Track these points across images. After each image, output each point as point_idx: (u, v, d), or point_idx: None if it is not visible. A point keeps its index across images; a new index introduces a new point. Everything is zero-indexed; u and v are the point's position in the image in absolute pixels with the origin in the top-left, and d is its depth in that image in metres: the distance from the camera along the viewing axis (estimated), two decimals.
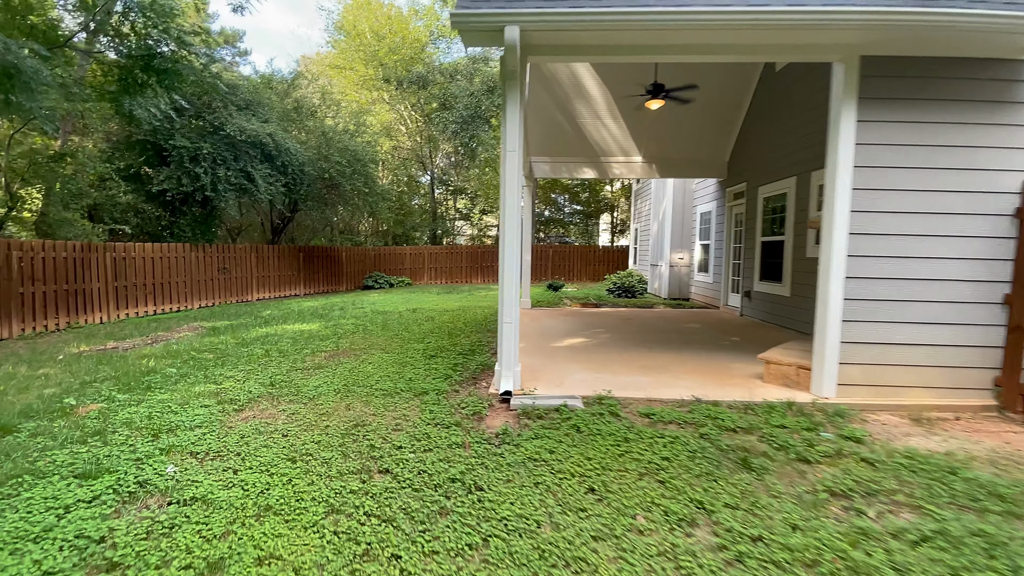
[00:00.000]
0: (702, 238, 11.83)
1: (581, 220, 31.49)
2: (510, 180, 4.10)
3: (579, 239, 32.12)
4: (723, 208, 10.42)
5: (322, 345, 6.55)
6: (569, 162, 10.31)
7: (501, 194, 4.23)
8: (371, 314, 9.83)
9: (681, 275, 12.53)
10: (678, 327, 8.06)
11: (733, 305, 9.91)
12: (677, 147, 10.14)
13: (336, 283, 18.78)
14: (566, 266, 22.33)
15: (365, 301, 12.83)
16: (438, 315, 9.50)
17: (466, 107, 17.68)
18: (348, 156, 16.16)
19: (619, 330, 7.71)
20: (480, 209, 29.73)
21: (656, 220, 13.68)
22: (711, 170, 10.32)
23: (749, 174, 9.17)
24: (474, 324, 8.30)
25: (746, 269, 9.21)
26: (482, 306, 11.06)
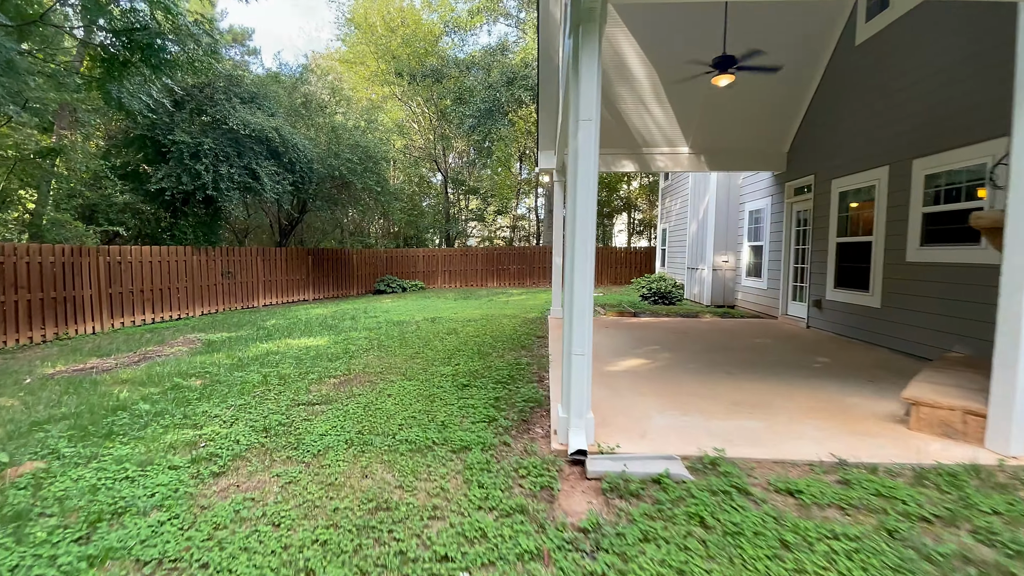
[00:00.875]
0: (751, 239, 10.65)
1: (599, 220, 30.31)
2: (584, 159, 3.01)
3: None
4: (780, 205, 9.24)
5: (331, 368, 5.50)
6: (607, 154, 9.20)
7: (570, 179, 3.14)
8: (386, 325, 8.79)
9: (726, 280, 11.36)
10: (745, 343, 6.91)
11: (796, 315, 8.73)
12: (729, 136, 8.99)
13: (346, 287, 17.84)
14: (599, 270, 21.17)
15: (378, 308, 11.82)
16: (461, 327, 8.44)
17: (483, 100, 16.62)
18: (359, 153, 15.19)
19: (678, 347, 6.58)
20: (495, 209, 28.70)
21: (695, 219, 12.52)
22: (767, 162, 9.16)
23: (818, 165, 7.99)
24: (505, 339, 7.22)
25: (815, 274, 8.03)
26: (507, 315, 9.98)
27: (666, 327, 8.39)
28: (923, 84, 5.78)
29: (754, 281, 10.34)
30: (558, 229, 9.29)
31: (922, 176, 5.76)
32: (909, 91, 5.98)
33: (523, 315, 9.96)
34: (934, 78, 5.62)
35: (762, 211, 10.09)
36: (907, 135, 6.00)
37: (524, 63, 16.54)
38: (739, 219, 11.11)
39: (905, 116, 6.05)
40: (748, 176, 10.78)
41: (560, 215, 9.22)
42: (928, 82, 5.71)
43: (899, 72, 6.17)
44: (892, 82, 6.32)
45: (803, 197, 8.55)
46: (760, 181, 10.11)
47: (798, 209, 8.85)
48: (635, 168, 9.21)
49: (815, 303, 7.92)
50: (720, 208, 11.26)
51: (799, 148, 8.65)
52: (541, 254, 21.05)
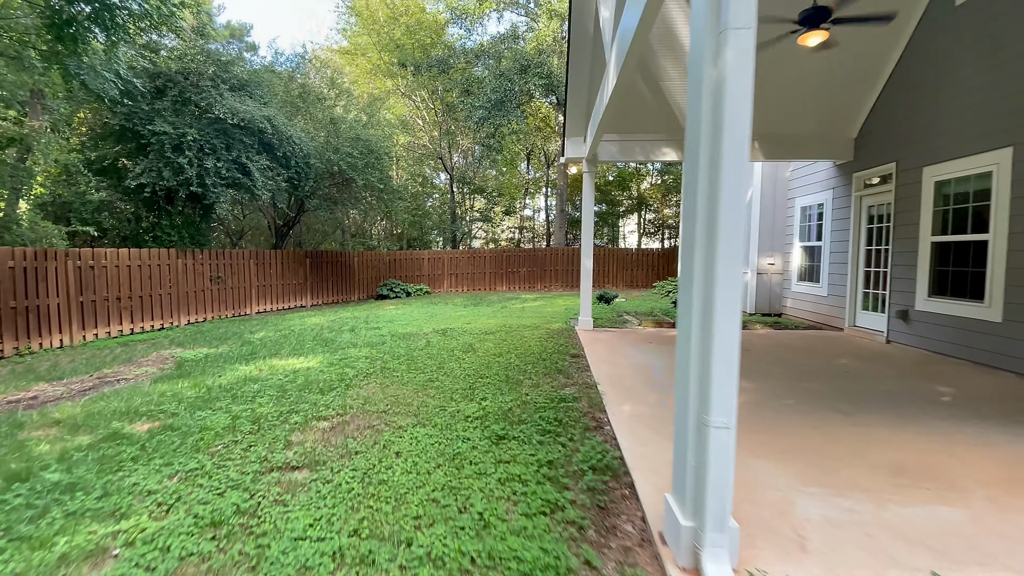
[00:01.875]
0: (804, 238, 9.41)
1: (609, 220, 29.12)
2: (736, 90, 1.79)
3: (603, 241, 29.77)
4: (846, 199, 8.00)
5: (321, 404, 4.29)
6: (645, 140, 7.99)
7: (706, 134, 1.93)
8: (390, 339, 7.57)
9: (772, 285, 10.12)
10: (828, 364, 5.68)
11: (868, 327, 7.48)
12: (789, 120, 7.76)
13: (347, 292, 16.66)
14: (601, 271, 19.98)
15: (381, 316, 10.61)
16: (477, 341, 7.22)
17: (494, 90, 15.42)
18: (360, 147, 14.00)
19: (754, 372, 5.35)
20: (502, 209, 27.52)
21: None
22: (830, 150, 7.93)
23: (901, 152, 6.76)
24: (534, 359, 6.00)
25: (897, 280, 6.79)
26: (527, 325, 8.76)
27: None
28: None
29: (809, 287, 9.10)
30: (588, 229, 8.07)
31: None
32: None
33: (545, 325, 8.75)
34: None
35: (822, 207, 8.85)
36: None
37: (539, 50, 15.37)
38: (788, 217, 9.87)
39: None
40: (798, 168, 9.54)
41: (591, 212, 8.01)
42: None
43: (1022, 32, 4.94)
44: (1012, 45, 5.09)
45: (878, 189, 7.31)
46: (816, 173, 8.87)
47: (870, 204, 7.61)
48: (676, 157, 8.00)
49: (899, 314, 6.67)
50: (766, 204, 10.03)
51: (872, 132, 7.42)
52: (552, 256, 19.85)
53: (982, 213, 5.52)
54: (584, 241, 8.15)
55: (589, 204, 8.04)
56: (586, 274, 8.14)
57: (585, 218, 8.11)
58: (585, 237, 8.13)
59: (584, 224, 8.15)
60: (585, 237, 8.13)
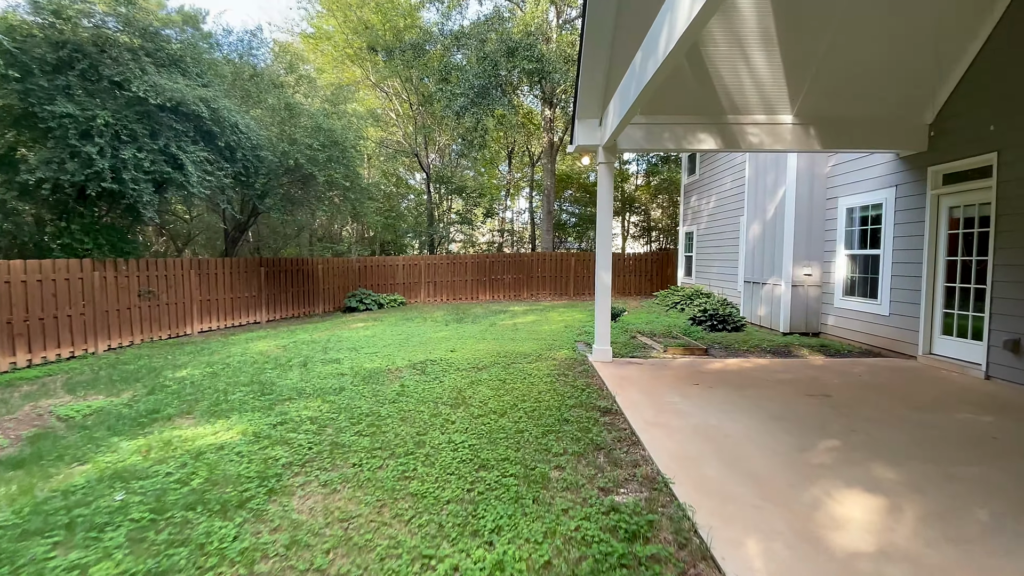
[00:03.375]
0: (851, 245, 7.97)
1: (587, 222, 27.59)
2: None
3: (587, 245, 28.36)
4: (918, 199, 6.56)
5: (212, 545, 2.48)
6: (677, 124, 6.38)
7: None
8: (351, 383, 5.73)
9: (809, 299, 8.66)
10: (954, 423, 4.14)
11: (955, 357, 6.03)
12: (855, 100, 6.27)
13: (310, 304, 14.66)
14: (590, 277, 18.43)
15: (345, 340, 8.72)
16: (468, 385, 5.46)
17: (477, 75, 13.64)
18: (322, 137, 12.06)
19: (863, 445, 3.76)
20: (483, 211, 25.78)
21: (757, 219, 9.82)
22: (898, 139, 6.47)
23: (1008, 137, 5.31)
24: (553, 418, 4.28)
25: (1005, 301, 5.34)
26: (525, 353, 7.03)
27: (779, 380, 5.57)
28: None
29: (862, 303, 7.64)
30: (606, 233, 6.42)
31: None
32: None
33: (548, 354, 7.04)
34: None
35: (874, 208, 7.41)
36: None
37: (527, 32, 13.69)
38: (830, 219, 8.43)
39: None
40: (841, 162, 8.11)
41: (609, 213, 6.37)
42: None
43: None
44: None
45: (968, 186, 5.87)
46: (870, 167, 7.44)
47: (952, 204, 6.17)
48: (716, 146, 6.42)
49: (1011, 344, 5.22)
50: (802, 203, 8.56)
51: (959, 115, 5.97)
52: (539, 262, 18.20)
53: None
54: (600, 249, 6.49)
55: (607, 203, 6.38)
56: (603, 290, 6.47)
57: (602, 221, 6.45)
58: (601, 244, 6.47)
59: (600, 227, 6.48)
60: (601, 244, 6.47)
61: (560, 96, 17.31)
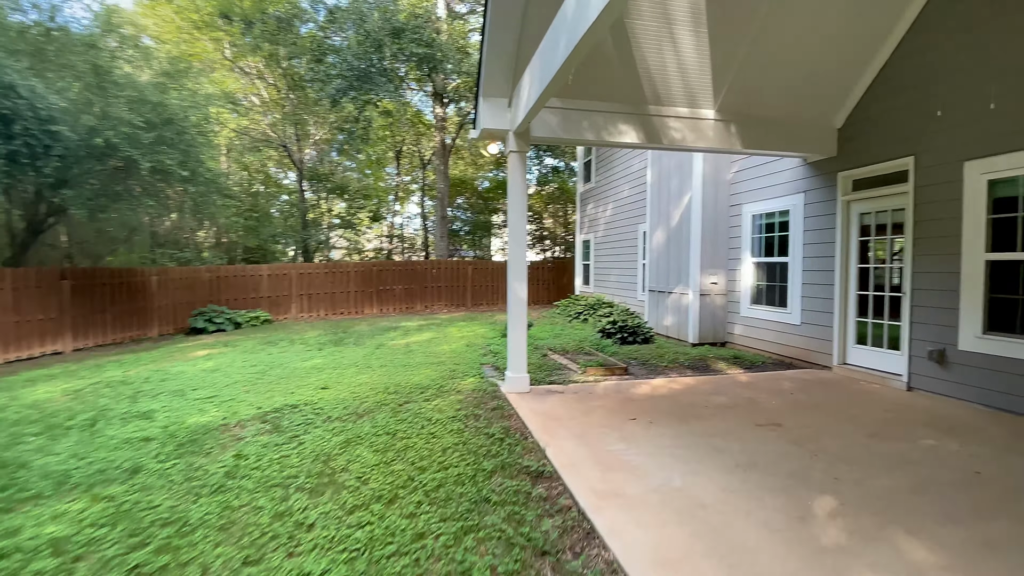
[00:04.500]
0: (758, 253, 7.79)
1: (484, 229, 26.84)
2: None
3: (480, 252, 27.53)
4: (828, 204, 6.41)
5: None
6: (597, 112, 5.46)
7: None
8: (156, 458, 3.82)
9: (715, 308, 8.38)
10: (918, 450, 3.62)
11: (873, 368, 5.86)
12: (773, 99, 5.90)
13: (141, 326, 11.60)
14: (490, 287, 17.46)
15: (172, 379, 6.47)
16: (341, 449, 3.90)
17: (358, 56, 11.83)
18: (148, 112, 9.42)
19: (834, 479, 3.02)
20: (368, 215, 23.55)
21: (662, 226, 9.45)
22: (808, 142, 6.26)
23: (925, 141, 5.20)
24: (468, 503, 2.96)
25: (925, 309, 5.20)
26: (422, 385, 5.59)
27: (718, 406, 4.84)
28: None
29: (770, 312, 7.45)
30: (520, 235, 5.28)
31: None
32: None
33: (452, 385, 5.68)
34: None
35: (782, 215, 7.26)
36: None
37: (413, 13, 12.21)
38: (733, 226, 8.24)
39: None
40: (744, 168, 7.96)
41: (523, 211, 5.24)
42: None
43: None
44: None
45: (880, 192, 5.76)
46: (777, 174, 7.29)
47: (863, 211, 6.07)
48: (637, 139, 5.63)
49: (935, 355, 5.05)
50: (707, 210, 8.28)
51: (872, 118, 5.86)
52: (434, 271, 16.73)
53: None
54: (513, 255, 5.32)
55: (519, 200, 5.24)
56: (518, 305, 5.30)
57: (514, 221, 5.29)
58: (514, 249, 5.30)
59: (512, 228, 5.31)
60: (514, 249, 5.30)
61: (453, 93, 16.09)
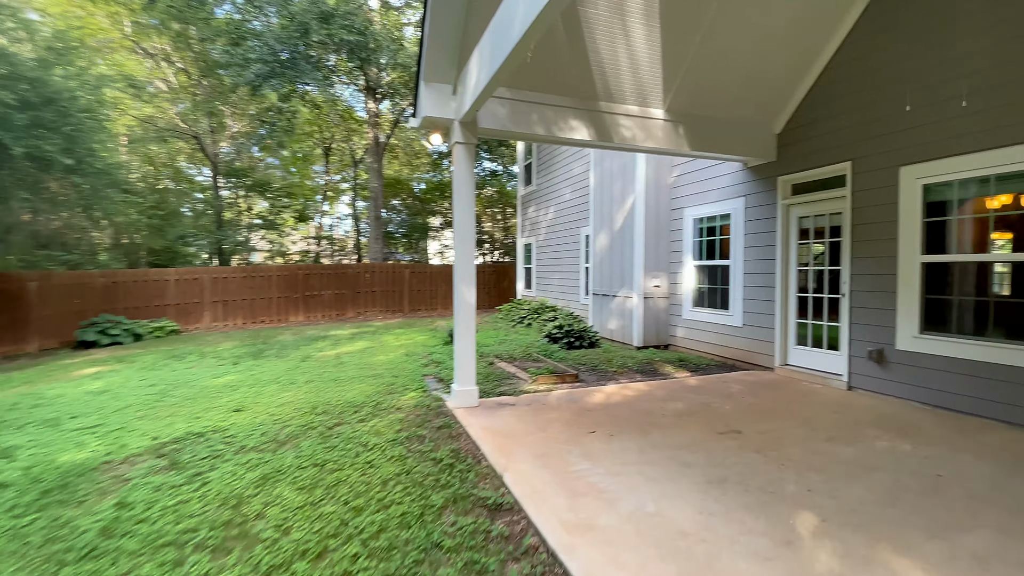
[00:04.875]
0: (700, 256, 7.85)
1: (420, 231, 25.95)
2: None
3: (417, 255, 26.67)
4: (768, 208, 6.52)
5: None
6: (548, 105, 5.14)
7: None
8: (8, 512, 3.00)
9: (658, 311, 8.38)
10: (880, 461, 3.59)
11: (813, 368, 5.98)
12: (719, 101, 5.89)
13: (17, 339, 9.96)
14: (429, 291, 16.79)
15: (47, 404, 5.34)
16: (258, 490, 3.24)
17: (281, 40, 10.81)
18: (25, 90, 7.98)
19: (820, 503, 2.86)
20: (293, 215, 22.00)
21: (605, 229, 9.36)
22: (755, 147, 6.34)
23: (862, 147, 5.36)
24: (418, 546, 2.47)
25: (864, 310, 5.34)
26: (355, 403, 4.97)
27: (675, 413, 4.66)
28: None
29: (712, 314, 7.51)
30: (467, 233, 4.84)
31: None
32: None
33: (390, 401, 5.11)
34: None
35: (723, 218, 7.34)
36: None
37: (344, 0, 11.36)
38: (675, 229, 8.27)
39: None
40: (685, 172, 8.02)
41: (471, 207, 4.82)
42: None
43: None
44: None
45: (818, 196, 5.90)
46: (717, 178, 7.37)
47: (802, 214, 6.21)
48: (588, 136, 5.38)
49: (874, 355, 5.19)
50: (650, 213, 8.27)
51: (812, 123, 5.99)
52: (367, 275, 15.80)
53: (1014, 226, 4.20)
54: (461, 256, 4.85)
55: (467, 196, 4.79)
56: (466, 311, 4.85)
57: (461, 218, 4.83)
58: (462, 249, 4.85)
59: (459, 227, 4.85)
60: (462, 249, 4.85)
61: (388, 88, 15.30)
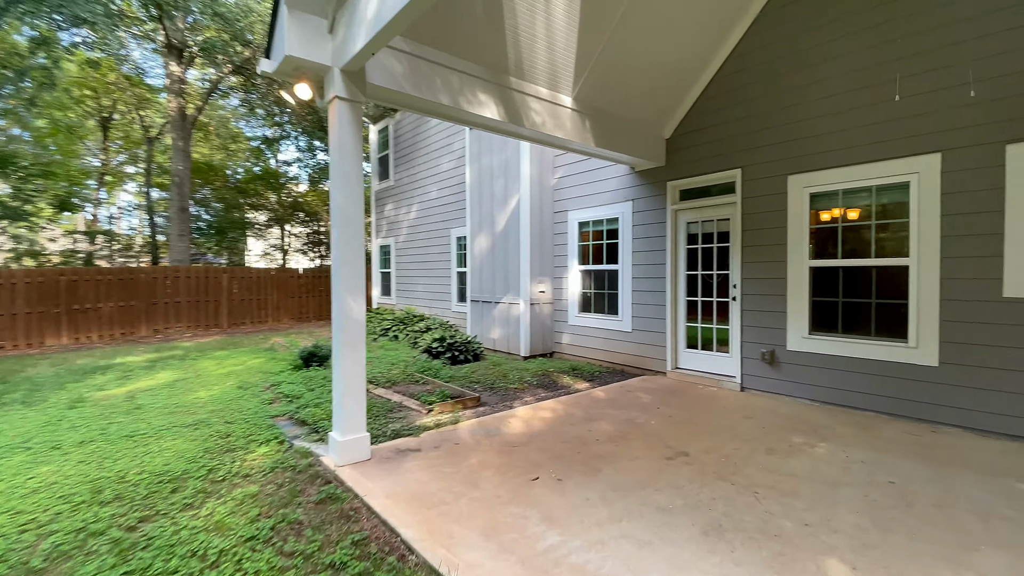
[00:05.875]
0: (586, 261, 7.59)
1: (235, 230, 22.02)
2: None
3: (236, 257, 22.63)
4: (658, 213, 6.47)
5: None
6: (454, 70, 4.12)
7: None
8: None
9: (544, 317, 7.91)
10: (827, 472, 3.46)
11: (705, 371, 6.03)
12: (622, 98, 5.56)
13: None
14: (256, 301, 14.02)
15: None
16: None
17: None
18: None
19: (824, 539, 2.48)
20: (55, 203, 16.61)
21: (485, 230, 8.58)
22: (648, 150, 6.22)
23: (750, 155, 5.52)
24: None
25: (754, 313, 5.50)
26: (181, 470, 3.27)
27: (610, 438, 4.08)
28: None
29: (601, 320, 7.28)
30: (355, 225, 3.58)
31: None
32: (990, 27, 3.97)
33: (230, 466, 3.51)
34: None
35: (612, 222, 7.16)
36: (989, 107, 3.99)
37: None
38: (559, 232, 7.91)
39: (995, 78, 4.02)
40: (568, 175, 7.72)
41: (352, 188, 3.59)
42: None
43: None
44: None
45: (708, 203, 5.99)
46: (604, 181, 7.18)
47: (690, 219, 6.27)
48: (497, 115, 4.52)
49: (766, 356, 5.37)
50: (534, 216, 7.77)
51: (701, 132, 6.05)
52: (169, 282, 12.42)
53: (894, 234, 4.59)
54: (345, 252, 3.53)
55: (351, 172, 3.52)
56: (352, 326, 3.55)
57: (344, 203, 3.52)
58: (346, 243, 3.53)
59: (342, 214, 3.53)
60: (346, 243, 3.53)
61: (200, 47, 12.26)
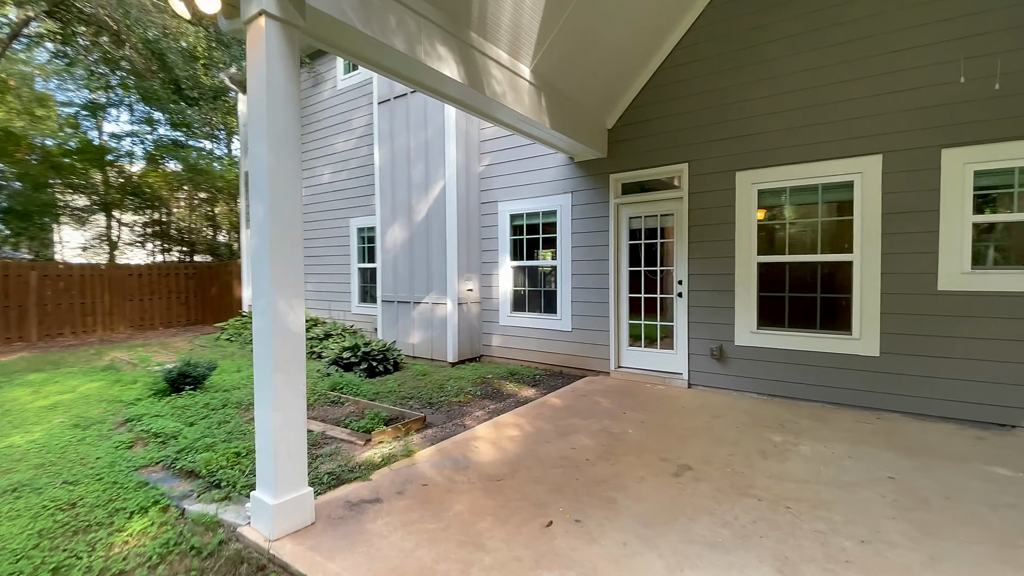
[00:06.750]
0: (519, 256, 7.03)
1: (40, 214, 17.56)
2: None
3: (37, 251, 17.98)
4: (599, 207, 6.16)
5: None
6: (412, 13, 3.24)
7: None
8: None
9: (472, 318, 7.19)
10: (820, 474, 3.34)
11: (650, 369, 5.85)
12: (577, 76, 5.09)
13: None
14: (77, 306, 11.18)
15: None
16: None
17: None
18: None
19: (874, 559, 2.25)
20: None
21: (400, 221, 7.55)
22: (593, 139, 5.85)
23: (697, 151, 5.43)
24: None
25: (700, 309, 5.42)
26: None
27: (598, 454, 3.57)
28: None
29: (537, 319, 6.78)
30: (285, 201, 2.57)
31: (968, 172, 4.13)
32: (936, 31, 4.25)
33: (93, 557, 2.30)
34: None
35: (549, 215, 6.70)
36: (926, 113, 4.28)
37: None
38: (487, 226, 7.25)
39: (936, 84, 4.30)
40: (497, 163, 7.11)
41: (285, 142, 2.58)
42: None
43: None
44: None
45: (653, 197, 5.81)
46: (539, 171, 6.69)
47: (633, 214, 6.05)
48: (456, 76, 3.72)
49: (715, 352, 5.32)
50: (462, 206, 7.01)
51: (641, 123, 5.85)
52: None
53: (838, 230, 4.76)
54: (276, 237, 2.50)
55: (285, 122, 2.51)
56: (290, 343, 2.54)
57: (278, 166, 2.49)
58: (278, 224, 2.50)
59: (272, 184, 2.49)
60: (278, 224, 2.50)
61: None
